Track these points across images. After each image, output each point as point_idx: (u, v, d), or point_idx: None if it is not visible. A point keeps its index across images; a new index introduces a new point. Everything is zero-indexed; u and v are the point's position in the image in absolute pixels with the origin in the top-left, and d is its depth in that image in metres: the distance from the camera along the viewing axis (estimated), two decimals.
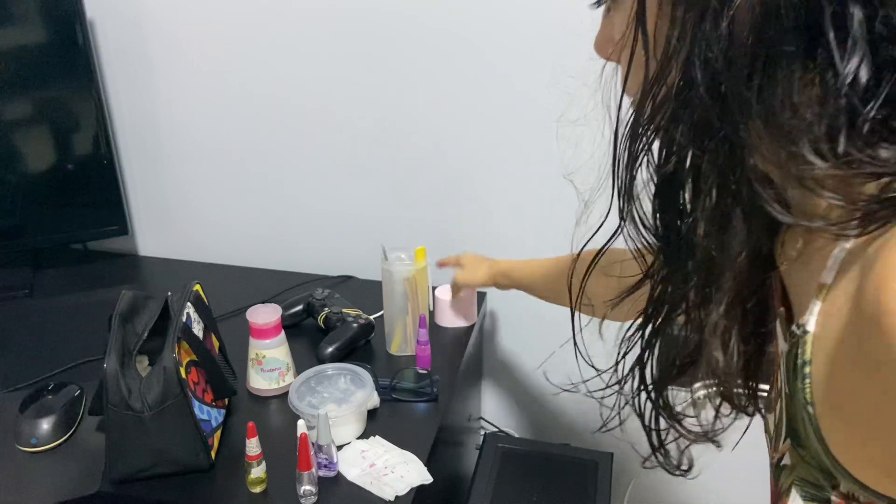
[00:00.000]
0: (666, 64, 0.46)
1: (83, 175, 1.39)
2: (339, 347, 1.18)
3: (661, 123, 0.48)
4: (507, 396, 1.54)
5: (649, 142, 0.49)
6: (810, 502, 0.51)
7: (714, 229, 0.49)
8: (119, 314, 0.99)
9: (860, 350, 0.43)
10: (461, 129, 1.32)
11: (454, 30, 1.25)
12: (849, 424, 0.46)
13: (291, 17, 1.30)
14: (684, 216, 0.50)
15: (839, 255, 0.46)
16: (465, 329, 1.28)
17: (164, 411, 0.91)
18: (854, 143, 0.43)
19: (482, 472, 1.20)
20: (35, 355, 1.22)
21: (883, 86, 0.42)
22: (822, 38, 0.42)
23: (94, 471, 0.97)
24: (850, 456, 0.46)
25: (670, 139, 0.48)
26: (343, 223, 1.45)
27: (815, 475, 0.50)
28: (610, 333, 0.61)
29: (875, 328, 0.40)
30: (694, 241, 0.49)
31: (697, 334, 0.54)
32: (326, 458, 0.95)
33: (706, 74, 0.44)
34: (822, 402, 0.47)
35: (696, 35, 0.44)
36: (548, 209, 1.32)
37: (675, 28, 0.45)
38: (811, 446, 0.49)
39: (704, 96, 0.45)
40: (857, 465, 0.46)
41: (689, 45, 0.45)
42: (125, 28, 1.38)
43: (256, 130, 1.42)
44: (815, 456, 0.49)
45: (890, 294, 0.39)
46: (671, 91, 0.47)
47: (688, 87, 0.45)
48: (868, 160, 0.42)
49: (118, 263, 1.54)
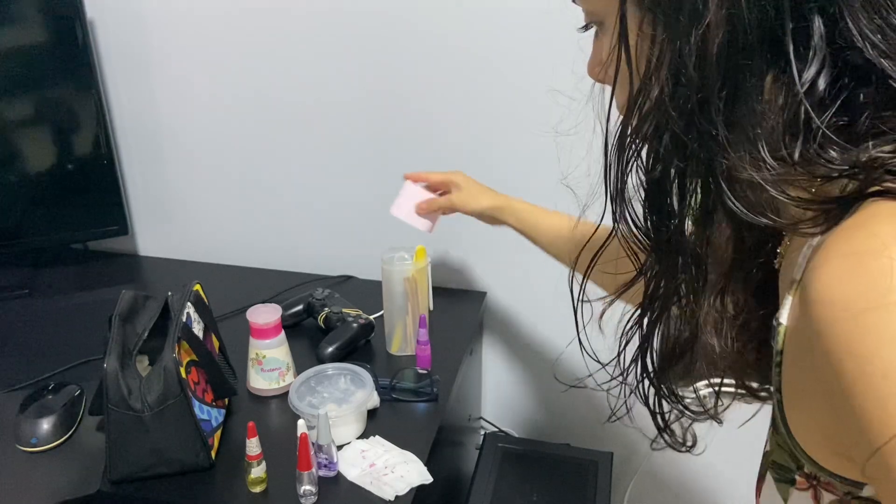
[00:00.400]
0: (648, 80, 0.50)
1: (83, 175, 1.39)
2: (339, 347, 1.18)
3: (646, 134, 0.52)
4: (507, 396, 1.54)
5: (638, 150, 0.53)
6: (780, 483, 0.56)
7: (699, 228, 0.53)
8: (119, 314, 0.99)
9: (802, 335, 0.48)
10: (461, 130, 1.32)
11: (455, 29, 1.25)
12: (803, 408, 0.50)
13: (291, 17, 1.30)
14: (672, 217, 0.53)
15: (807, 251, 0.51)
16: (465, 329, 1.28)
17: (164, 411, 0.91)
18: (808, 146, 0.47)
19: (482, 472, 1.20)
20: (35, 355, 1.21)
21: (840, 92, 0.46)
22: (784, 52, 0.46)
23: (94, 471, 0.97)
24: (807, 438, 0.51)
25: (655, 148, 0.52)
26: (343, 223, 1.45)
27: (785, 458, 0.55)
28: (609, 328, 0.63)
29: (807, 315, 0.45)
30: (682, 240, 0.54)
31: (691, 324, 0.58)
32: (326, 458, 0.95)
33: (681, 89, 0.48)
34: (788, 390, 0.52)
35: (671, 53, 0.48)
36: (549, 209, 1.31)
37: (653, 47, 0.49)
38: (781, 431, 0.53)
39: (681, 108, 0.49)
40: (812, 447, 0.51)
41: (667, 62, 0.49)
42: (125, 28, 1.37)
43: (256, 130, 1.42)
44: (784, 440, 0.53)
45: (818, 283, 0.44)
46: (654, 105, 0.50)
47: (667, 101, 0.49)
48: (821, 162, 0.46)
49: (118, 263, 1.54)
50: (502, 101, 1.28)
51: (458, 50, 1.26)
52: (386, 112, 1.34)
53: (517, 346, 1.48)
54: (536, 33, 1.21)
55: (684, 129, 0.49)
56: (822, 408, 0.46)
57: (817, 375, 0.45)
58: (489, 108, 1.29)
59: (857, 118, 0.46)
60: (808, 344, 0.45)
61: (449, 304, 1.34)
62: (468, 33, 1.24)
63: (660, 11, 0.49)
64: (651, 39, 0.50)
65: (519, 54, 1.24)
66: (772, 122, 0.47)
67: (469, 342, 1.26)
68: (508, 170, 1.32)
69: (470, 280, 1.42)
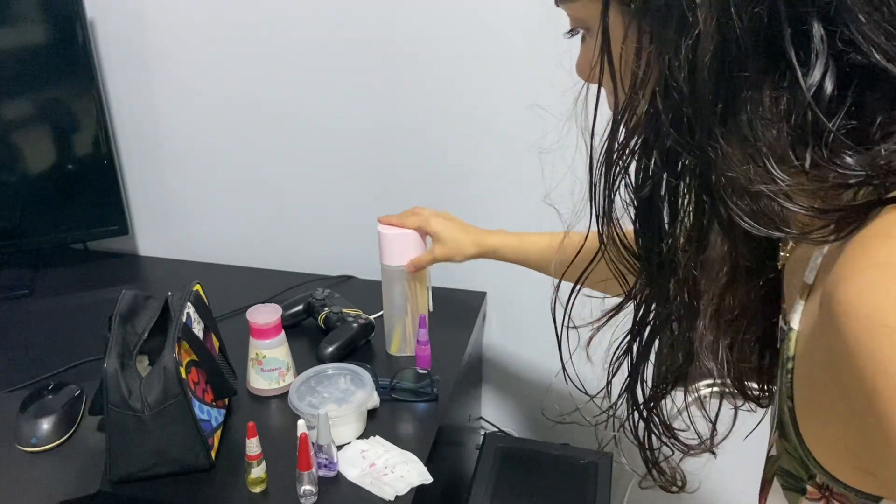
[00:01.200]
0: (635, 94, 0.48)
1: (83, 175, 1.39)
2: (339, 347, 1.18)
3: (634, 149, 0.50)
4: (507, 396, 1.54)
5: (625, 166, 0.51)
6: (788, 491, 0.53)
7: (692, 248, 0.50)
8: (119, 314, 0.99)
9: (823, 347, 0.45)
10: (461, 130, 1.32)
11: (455, 31, 1.25)
12: (820, 419, 0.48)
13: (291, 18, 1.30)
14: (664, 237, 0.51)
15: (818, 257, 0.49)
16: (465, 329, 1.28)
17: (164, 411, 0.91)
18: (820, 154, 0.44)
19: (482, 472, 1.20)
20: (35, 355, 1.21)
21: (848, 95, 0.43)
22: (783, 58, 0.43)
23: (94, 471, 0.97)
24: (823, 449, 0.48)
25: (645, 164, 0.49)
26: (343, 223, 1.45)
27: (794, 466, 0.52)
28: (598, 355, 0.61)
29: (831, 326, 0.42)
30: (674, 261, 0.51)
31: (685, 348, 0.55)
32: (326, 458, 0.95)
33: (671, 103, 0.46)
34: (799, 397, 0.49)
35: (659, 66, 0.46)
36: (548, 209, 1.31)
37: (639, 60, 0.47)
38: (791, 439, 0.51)
39: (671, 124, 0.46)
40: (828, 459, 0.48)
41: (654, 75, 0.46)
42: (125, 28, 1.37)
43: (256, 130, 1.41)
44: (795, 448, 0.51)
45: (844, 294, 0.41)
46: (642, 119, 0.48)
47: (656, 117, 0.47)
48: (834, 170, 0.44)
49: (118, 263, 1.54)
50: (504, 103, 1.28)
51: (459, 49, 1.26)
52: (386, 112, 1.34)
53: (517, 346, 1.48)
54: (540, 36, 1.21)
55: (676, 143, 0.47)
56: (845, 422, 0.44)
57: (843, 390, 0.42)
58: (491, 109, 1.29)
59: (866, 120, 0.44)
60: (832, 357, 0.43)
61: (449, 304, 1.34)
62: (471, 34, 1.24)
63: (646, 22, 0.46)
64: (636, 52, 0.47)
65: (521, 56, 1.24)
66: (775, 131, 0.45)
67: (469, 342, 1.26)
68: (511, 170, 1.32)
69: (470, 280, 1.42)
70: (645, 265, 0.53)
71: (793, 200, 0.45)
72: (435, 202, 1.38)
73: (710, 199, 0.47)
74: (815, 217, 0.45)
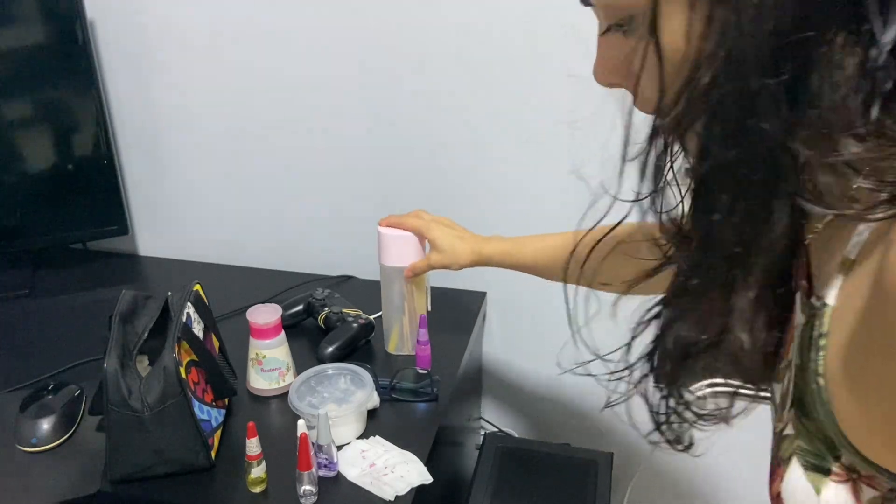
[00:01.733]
0: (697, 64, 0.45)
1: (83, 175, 1.39)
2: (339, 347, 1.18)
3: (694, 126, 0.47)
4: (507, 396, 1.54)
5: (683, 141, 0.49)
6: (811, 472, 0.52)
7: (749, 224, 0.48)
8: (119, 314, 0.99)
9: (880, 327, 0.43)
10: (461, 130, 1.32)
11: (454, 29, 1.25)
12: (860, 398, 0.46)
13: (292, 18, 1.30)
14: (720, 211, 0.48)
15: (864, 231, 0.47)
16: (465, 329, 1.28)
17: (164, 411, 0.91)
18: (890, 113, 0.42)
19: (482, 472, 1.20)
20: (35, 355, 1.21)
21: None
22: (861, 10, 0.41)
23: (94, 471, 0.97)
24: (857, 429, 0.47)
25: (705, 140, 0.47)
26: (343, 223, 1.45)
27: (817, 446, 0.51)
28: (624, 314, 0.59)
29: (891, 302, 0.40)
30: (726, 236, 0.49)
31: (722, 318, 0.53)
32: (326, 458, 0.95)
33: (739, 70, 0.43)
34: (836, 375, 0.48)
35: (726, 31, 0.43)
36: (548, 210, 1.32)
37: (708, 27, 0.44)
38: (817, 418, 0.50)
39: (737, 93, 0.44)
40: (862, 439, 0.47)
41: (721, 43, 0.44)
42: (125, 28, 1.37)
43: (256, 130, 1.41)
44: (820, 427, 0.50)
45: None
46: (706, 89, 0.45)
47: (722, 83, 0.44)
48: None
49: (118, 263, 1.54)
50: (506, 100, 1.28)
51: (459, 49, 1.26)
52: (386, 112, 1.34)
53: (517, 346, 1.48)
54: (540, 31, 1.21)
55: (739, 118, 0.44)
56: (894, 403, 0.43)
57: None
58: (492, 107, 1.29)
59: None
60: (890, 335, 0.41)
61: (449, 304, 1.34)
62: (470, 31, 1.24)
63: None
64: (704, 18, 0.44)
65: (521, 54, 1.24)
66: (845, 94, 0.42)
67: (469, 342, 1.26)
68: (511, 169, 1.32)
69: (470, 280, 1.42)
70: (699, 239, 0.51)
71: (856, 170, 0.43)
72: (435, 202, 1.38)
73: (772, 173, 0.46)
74: (871, 189, 0.43)
